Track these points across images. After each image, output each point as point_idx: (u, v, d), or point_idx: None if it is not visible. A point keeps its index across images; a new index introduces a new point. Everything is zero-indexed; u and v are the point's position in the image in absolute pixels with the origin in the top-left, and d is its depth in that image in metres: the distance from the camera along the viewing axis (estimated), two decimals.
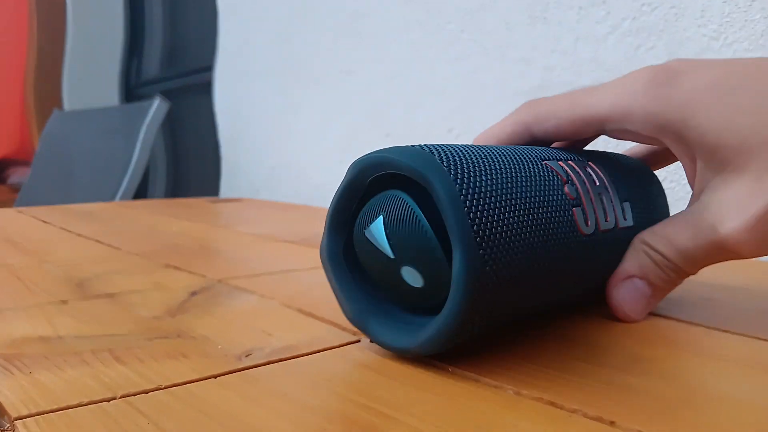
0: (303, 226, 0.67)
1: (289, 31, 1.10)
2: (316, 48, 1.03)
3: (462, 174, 0.21)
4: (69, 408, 0.19)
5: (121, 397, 0.20)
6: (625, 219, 0.28)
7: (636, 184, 0.31)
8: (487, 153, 0.23)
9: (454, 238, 0.20)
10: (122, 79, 2.03)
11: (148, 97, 1.38)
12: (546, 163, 0.25)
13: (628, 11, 0.58)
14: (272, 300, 0.32)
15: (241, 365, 0.23)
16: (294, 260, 0.45)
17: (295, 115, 1.09)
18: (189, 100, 1.72)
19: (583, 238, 0.25)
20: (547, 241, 0.23)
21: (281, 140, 1.13)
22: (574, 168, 0.27)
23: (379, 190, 0.23)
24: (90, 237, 0.58)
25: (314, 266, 0.42)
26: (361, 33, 0.93)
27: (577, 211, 0.25)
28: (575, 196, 0.25)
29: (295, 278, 0.38)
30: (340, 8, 0.97)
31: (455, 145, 0.23)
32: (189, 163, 1.83)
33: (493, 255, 0.20)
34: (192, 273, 0.40)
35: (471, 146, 0.24)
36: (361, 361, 0.23)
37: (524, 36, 0.68)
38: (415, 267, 0.22)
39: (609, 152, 0.32)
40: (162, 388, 0.20)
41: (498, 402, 0.19)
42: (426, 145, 0.22)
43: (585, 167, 0.27)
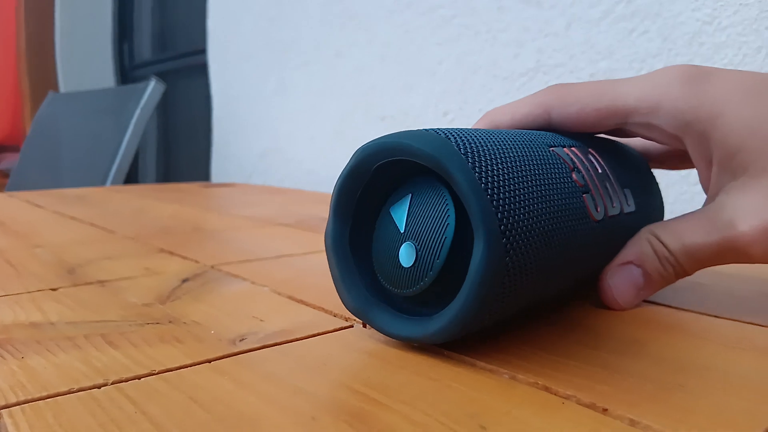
0: (295, 210, 0.67)
1: (278, 13, 1.08)
2: (306, 30, 1.02)
3: (480, 160, 0.20)
4: (58, 395, 0.19)
5: (112, 384, 0.20)
6: (629, 205, 0.28)
7: (633, 170, 0.31)
8: (497, 138, 0.22)
9: (477, 227, 0.19)
10: (116, 61, 2.01)
11: (143, 79, 1.37)
12: (553, 150, 0.25)
13: None
14: (264, 287, 0.32)
15: (235, 350, 0.23)
16: (286, 244, 0.45)
17: (285, 98, 1.09)
18: (181, 83, 1.71)
19: (595, 224, 0.25)
20: (563, 228, 0.22)
21: (272, 124, 1.13)
22: (577, 155, 0.26)
23: (385, 177, 0.23)
24: (82, 221, 0.58)
25: (306, 251, 0.42)
26: (351, 14, 0.92)
27: (587, 197, 0.25)
28: (583, 183, 0.25)
29: (287, 264, 0.38)
30: None
31: (464, 129, 0.22)
32: (180, 146, 1.82)
33: (515, 244, 0.20)
34: (184, 258, 0.39)
35: (479, 130, 0.23)
36: (354, 345, 0.23)
37: (516, 19, 0.68)
38: (414, 242, 0.21)
39: (604, 137, 0.32)
40: (155, 374, 0.20)
41: (492, 387, 0.19)
42: (437, 130, 0.21)
43: (587, 154, 0.27)
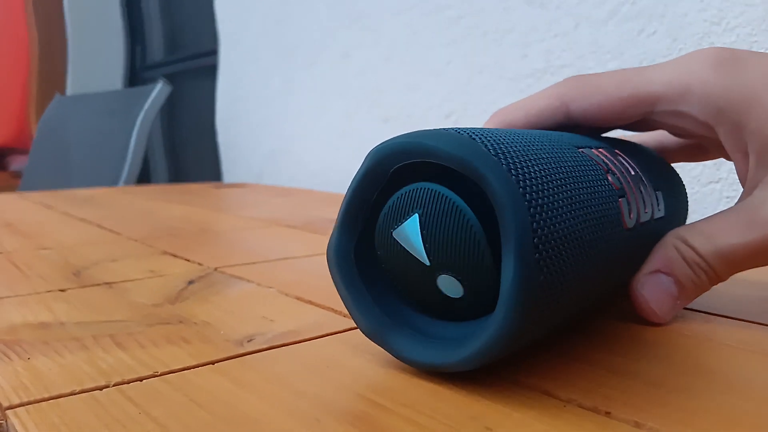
0: (303, 211, 0.67)
1: (284, 15, 1.09)
2: (312, 31, 1.02)
3: (513, 163, 0.18)
4: (61, 397, 0.19)
5: (114, 385, 0.20)
6: (659, 209, 0.26)
7: (662, 172, 0.29)
8: (522, 138, 0.20)
9: (508, 241, 0.17)
10: (127, 63, 2.02)
11: (152, 81, 1.38)
12: (582, 151, 0.23)
13: None
14: (270, 288, 0.32)
15: (243, 350, 0.23)
16: (292, 246, 0.45)
17: (291, 99, 1.09)
18: (192, 84, 1.72)
19: (626, 232, 0.23)
20: (598, 239, 0.20)
21: (279, 124, 1.13)
22: (607, 156, 0.24)
23: (403, 183, 0.20)
24: (91, 222, 0.58)
25: (312, 253, 0.42)
26: (357, 15, 0.92)
27: (623, 202, 0.23)
28: (619, 186, 0.23)
29: (292, 266, 0.38)
30: None
31: (484, 129, 0.20)
32: (191, 147, 1.83)
33: (549, 260, 0.18)
34: (187, 261, 0.40)
35: (500, 130, 0.21)
36: (360, 347, 0.23)
37: (523, 19, 0.68)
38: (455, 275, 0.19)
39: (627, 140, 0.30)
40: (157, 375, 0.20)
41: (495, 390, 0.19)
42: (457, 129, 0.19)
43: (616, 155, 0.25)
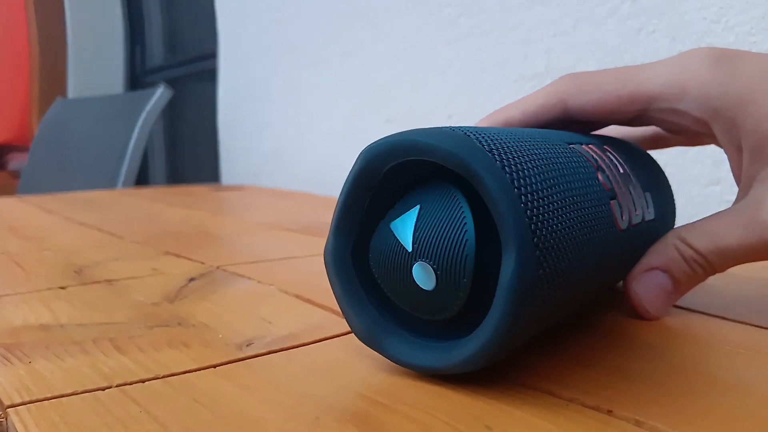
0: (304, 213, 0.67)
1: (285, 14, 1.09)
2: (314, 30, 1.02)
3: (508, 161, 0.18)
4: (63, 396, 0.19)
5: (116, 386, 0.20)
6: (649, 211, 0.26)
7: (651, 172, 0.29)
8: (517, 135, 0.20)
9: (508, 238, 0.17)
10: (127, 67, 2.02)
11: (153, 84, 1.38)
12: (572, 147, 0.23)
13: None
14: (270, 286, 0.32)
15: (242, 355, 0.23)
16: (293, 247, 0.45)
17: (293, 98, 1.09)
18: (193, 87, 1.72)
19: (619, 233, 0.22)
20: (592, 239, 0.20)
21: (280, 124, 1.13)
22: (598, 153, 0.24)
23: (395, 183, 0.20)
24: (91, 224, 0.58)
25: (313, 253, 0.42)
26: (358, 14, 0.92)
27: (614, 204, 0.22)
28: (610, 186, 0.23)
29: (293, 265, 0.38)
30: None
31: (480, 127, 0.20)
32: (190, 149, 1.83)
33: (547, 257, 0.17)
34: (190, 260, 0.40)
35: (495, 128, 0.20)
36: (360, 349, 0.23)
37: (523, 18, 0.68)
38: (430, 262, 0.18)
39: (613, 137, 0.30)
40: (159, 378, 0.20)
41: (497, 390, 0.19)
42: (452, 127, 0.19)
43: (605, 151, 0.25)
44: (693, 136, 0.29)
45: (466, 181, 0.18)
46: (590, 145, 0.24)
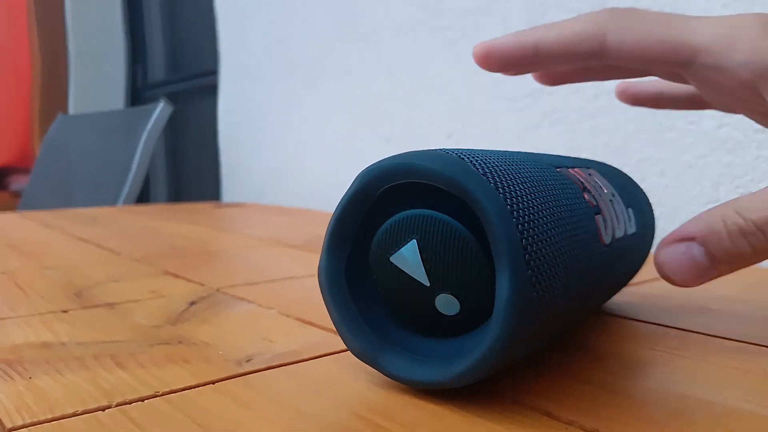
0: (303, 231, 0.67)
1: (286, 32, 1.10)
2: (314, 49, 1.03)
3: (501, 182, 0.19)
4: (64, 418, 0.19)
5: (116, 406, 0.20)
6: (631, 225, 0.27)
7: (631, 190, 0.30)
8: (509, 158, 0.21)
9: (501, 258, 0.18)
10: (128, 83, 2.04)
11: (154, 100, 1.39)
12: (559, 170, 0.23)
13: None
14: (271, 309, 0.32)
15: (242, 370, 0.23)
16: (294, 266, 0.45)
17: (294, 116, 1.10)
18: (193, 103, 1.73)
19: (604, 248, 0.23)
20: (580, 255, 0.21)
21: (281, 142, 1.14)
22: (582, 175, 0.25)
23: (389, 204, 0.20)
24: (91, 241, 0.58)
25: (313, 272, 0.42)
26: (358, 33, 0.93)
27: (599, 219, 0.23)
28: (595, 203, 0.23)
29: (293, 286, 0.39)
30: (337, 8, 0.97)
31: (475, 149, 0.21)
32: (191, 166, 1.83)
33: (540, 275, 0.18)
34: (190, 281, 0.40)
35: (489, 151, 0.21)
36: (360, 367, 0.23)
37: None
38: (453, 293, 0.19)
39: (595, 160, 0.31)
40: (159, 395, 0.21)
41: (495, 411, 0.19)
42: (448, 150, 0.20)
43: (590, 174, 0.26)
44: (731, 101, 0.26)
45: (449, 203, 0.19)
46: (575, 169, 0.25)
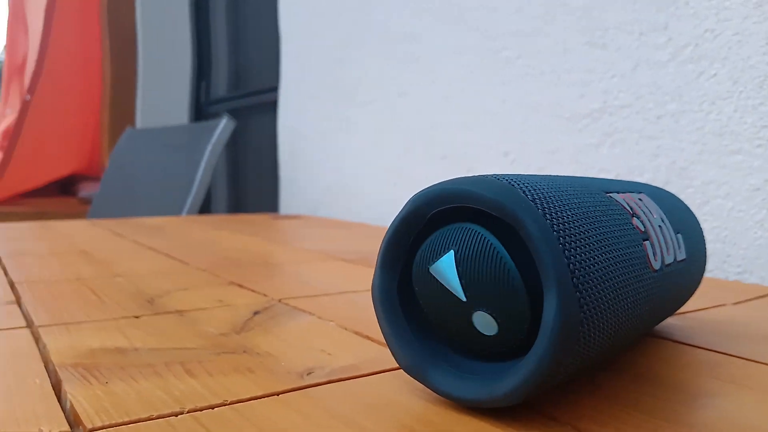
0: (360, 245, 0.68)
1: (345, 54, 1.12)
2: (372, 70, 1.05)
3: (549, 208, 0.19)
4: (140, 421, 0.20)
5: (188, 412, 0.21)
6: (681, 251, 0.27)
7: (682, 215, 0.30)
8: (557, 183, 0.21)
9: (548, 281, 0.18)
10: (192, 98, 2.11)
11: (216, 115, 1.44)
12: (610, 196, 0.24)
13: (690, 38, 0.57)
14: (330, 322, 0.33)
15: (303, 383, 0.24)
16: (350, 280, 0.46)
17: (350, 135, 1.11)
18: (253, 119, 1.78)
19: (653, 273, 0.23)
20: (629, 279, 0.21)
21: (337, 159, 1.15)
22: (633, 200, 0.25)
23: (438, 226, 0.21)
24: (159, 251, 0.61)
25: (369, 288, 0.43)
26: (414, 56, 0.94)
27: (647, 245, 0.23)
28: (643, 229, 0.24)
29: (351, 300, 0.39)
30: (395, 31, 0.99)
31: (521, 175, 0.21)
32: (250, 179, 1.88)
33: (588, 298, 0.18)
34: (254, 291, 0.41)
35: (539, 176, 0.22)
36: (418, 384, 0.24)
37: (581, 60, 0.68)
38: (490, 312, 0.20)
39: (647, 184, 0.31)
40: (227, 404, 0.22)
41: (541, 429, 0.19)
42: (498, 176, 0.20)
43: (640, 199, 0.26)
44: None
45: (495, 225, 0.20)
46: (626, 193, 0.26)
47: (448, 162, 0.89)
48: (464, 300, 0.20)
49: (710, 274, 0.56)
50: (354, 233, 0.83)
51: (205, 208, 1.97)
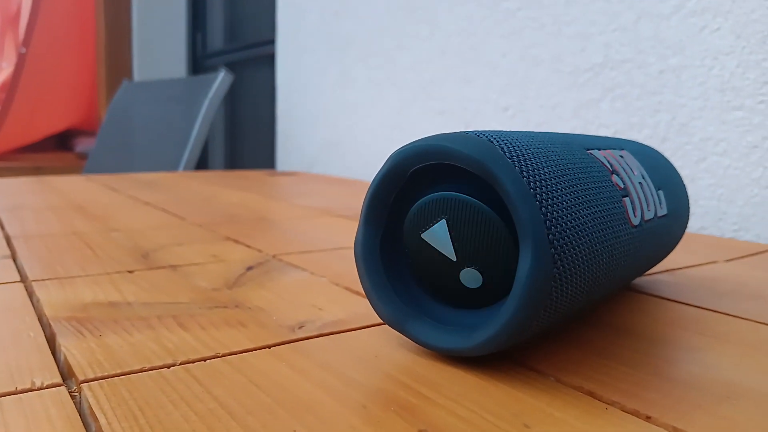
0: (355, 201, 0.68)
1: (342, 6, 1.10)
2: (368, 23, 1.03)
3: (526, 165, 0.19)
4: (132, 373, 0.20)
5: (180, 364, 0.21)
6: (662, 207, 0.28)
7: (664, 171, 0.30)
8: (538, 140, 0.22)
9: (524, 236, 0.19)
10: (188, 51, 2.08)
11: (214, 68, 1.42)
12: (590, 153, 0.24)
13: None
14: (322, 278, 0.34)
15: (294, 336, 0.24)
16: (344, 237, 0.46)
17: (347, 90, 1.10)
18: (249, 73, 1.75)
19: (633, 230, 0.24)
20: (607, 235, 0.22)
21: (334, 114, 1.14)
22: (613, 157, 0.26)
23: (420, 182, 0.22)
24: (155, 206, 0.61)
25: None
26: (413, 7, 0.92)
27: (627, 201, 0.24)
28: (623, 186, 0.24)
29: (344, 256, 0.40)
30: None
31: (507, 132, 0.21)
32: (246, 134, 1.87)
33: (562, 253, 0.19)
34: (249, 247, 0.41)
35: (521, 133, 0.22)
36: (405, 338, 0.24)
37: (583, 12, 0.67)
38: (477, 268, 0.21)
39: (632, 141, 0.32)
40: (219, 357, 0.22)
41: (538, 388, 0.20)
42: (479, 132, 0.21)
43: (621, 156, 0.27)
44: None
45: (477, 183, 0.20)
46: (607, 150, 0.26)
47: (446, 117, 0.88)
48: (455, 260, 0.21)
49: (705, 231, 0.56)
50: (350, 189, 0.82)
51: (202, 163, 1.96)
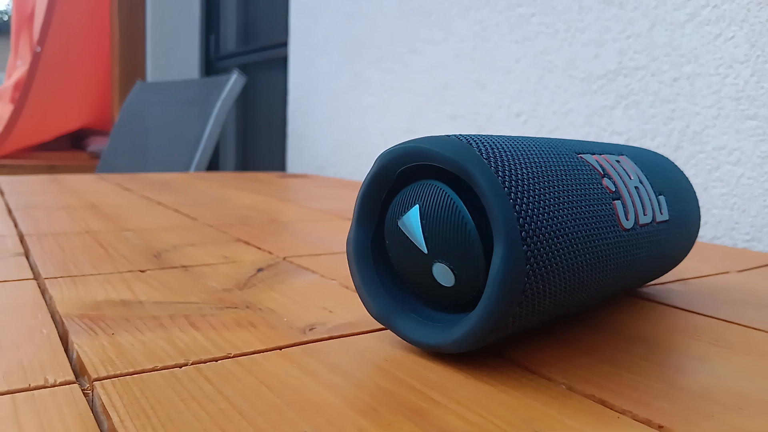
0: None
1: (356, 9, 1.10)
2: (382, 26, 1.03)
3: (502, 165, 0.20)
4: (144, 372, 0.21)
5: (192, 364, 0.21)
6: (662, 213, 0.28)
7: (667, 177, 0.30)
8: (522, 144, 0.22)
9: (497, 233, 0.19)
10: (202, 53, 2.09)
11: (226, 70, 1.42)
12: (581, 157, 0.25)
13: None
14: (332, 281, 0.34)
15: (305, 338, 0.24)
16: None
17: (360, 93, 1.10)
18: (262, 75, 1.76)
19: (624, 233, 0.24)
20: (590, 236, 0.22)
21: (346, 117, 1.15)
22: (607, 161, 0.26)
23: (409, 182, 0.23)
24: (167, 206, 0.61)
25: None
26: (427, 11, 0.93)
27: (618, 204, 0.24)
28: (614, 189, 0.24)
29: None
30: None
31: (491, 136, 0.22)
32: (258, 136, 1.87)
33: (536, 251, 0.19)
34: (259, 249, 0.41)
35: (506, 137, 0.23)
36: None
37: (597, 18, 0.66)
38: (448, 264, 0.21)
39: (636, 147, 0.32)
40: (230, 357, 0.22)
41: (548, 395, 0.20)
42: (461, 135, 0.21)
43: (618, 161, 0.27)
44: None
45: (461, 184, 0.21)
46: (602, 155, 0.26)
47: (458, 122, 0.88)
48: (426, 252, 0.22)
49: (718, 241, 0.55)
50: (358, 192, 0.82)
51: (214, 164, 1.97)
